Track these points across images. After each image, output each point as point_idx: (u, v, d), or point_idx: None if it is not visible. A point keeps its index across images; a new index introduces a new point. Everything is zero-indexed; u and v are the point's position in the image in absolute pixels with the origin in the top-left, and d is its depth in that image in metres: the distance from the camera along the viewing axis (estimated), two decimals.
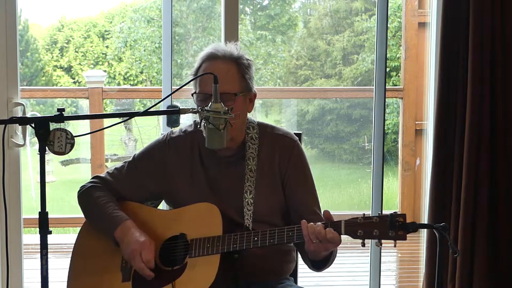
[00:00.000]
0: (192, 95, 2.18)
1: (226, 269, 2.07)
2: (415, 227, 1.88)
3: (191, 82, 2.18)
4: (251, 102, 2.21)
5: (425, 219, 3.30)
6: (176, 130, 2.33)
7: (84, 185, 2.31)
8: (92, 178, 2.33)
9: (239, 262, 2.10)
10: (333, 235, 1.93)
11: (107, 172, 2.33)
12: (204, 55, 2.19)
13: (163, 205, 2.48)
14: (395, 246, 1.91)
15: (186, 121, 3.38)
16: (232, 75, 2.14)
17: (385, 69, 3.29)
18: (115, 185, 2.28)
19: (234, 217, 2.16)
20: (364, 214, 1.93)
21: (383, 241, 1.91)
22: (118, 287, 2.17)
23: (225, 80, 2.08)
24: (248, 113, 2.24)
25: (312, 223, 1.97)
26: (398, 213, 1.89)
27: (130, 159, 2.32)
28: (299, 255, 2.32)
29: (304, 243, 2.00)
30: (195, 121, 2.32)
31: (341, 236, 1.95)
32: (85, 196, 2.28)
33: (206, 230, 2.11)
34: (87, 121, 6.43)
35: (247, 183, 2.17)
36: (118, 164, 2.35)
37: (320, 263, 2.12)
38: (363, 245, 1.91)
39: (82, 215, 2.33)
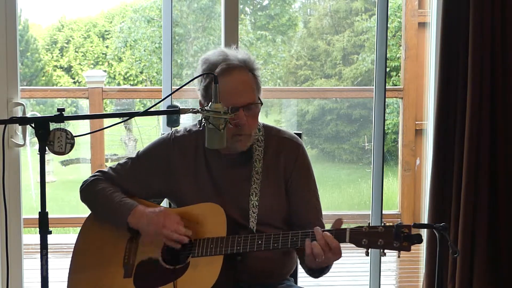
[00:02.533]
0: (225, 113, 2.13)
1: (228, 270, 2.07)
2: (420, 239, 1.88)
3: (200, 91, 2.17)
4: None
5: (425, 219, 3.30)
6: (180, 129, 2.32)
7: (87, 180, 2.30)
8: (94, 173, 2.33)
9: (242, 263, 2.10)
10: (336, 245, 1.94)
11: (110, 167, 2.32)
12: (221, 69, 2.11)
13: (164, 203, 2.47)
14: (399, 256, 1.91)
15: (186, 121, 3.38)
16: (252, 84, 2.15)
17: (385, 69, 3.29)
18: (118, 181, 2.27)
19: (238, 218, 2.16)
20: (369, 223, 1.94)
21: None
22: (119, 282, 2.16)
23: (250, 90, 2.11)
24: None
25: (308, 240, 1.97)
26: (403, 224, 1.89)
27: (134, 156, 2.31)
28: None
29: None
30: (199, 120, 2.31)
31: (346, 242, 1.96)
32: (90, 189, 2.27)
33: (210, 230, 2.11)
34: (87, 121, 6.44)
35: (253, 185, 2.17)
36: (122, 160, 2.33)
37: (318, 271, 2.11)
38: (367, 254, 1.92)
39: (82, 215, 2.33)
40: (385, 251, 1.91)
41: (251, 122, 2.12)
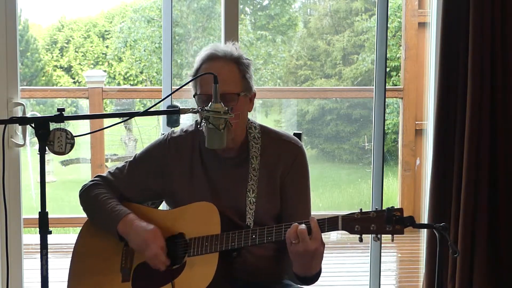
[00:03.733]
0: (194, 96, 2.18)
1: (225, 267, 2.07)
2: (412, 221, 1.88)
3: (191, 84, 2.17)
4: (251, 102, 2.22)
5: (425, 219, 3.30)
6: (177, 130, 2.33)
7: (86, 184, 2.31)
8: (93, 177, 2.34)
9: (238, 261, 2.10)
10: (314, 224, 1.93)
11: (109, 171, 2.33)
12: (204, 56, 2.17)
13: (163, 206, 2.48)
14: (392, 240, 1.91)
15: (186, 121, 3.38)
16: (233, 75, 2.14)
17: (385, 69, 3.29)
18: (117, 184, 2.28)
19: (236, 219, 2.16)
20: (361, 209, 1.94)
21: (382, 236, 1.91)
22: (118, 287, 2.17)
23: (227, 81, 2.08)
24: (248, 113, 2.24)
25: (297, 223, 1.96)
26: (395, 207, 1.89)
27: (132, 159, 2.32)
28: None
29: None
30: (196, 121, 2.31)
31: (339, 230, 1.95)
32: (86, 194, 2.28)
33: (204, 229, 2.11)
34: (87, 121, 6.44)
35: (250, 182, 2.17)
36: (120, 163, 2.34)
37: (305, 278, 2.10)
38: (361, 240, 1.91)
39: (82, 215, 2.33)
40: (379, 236, 1.91)
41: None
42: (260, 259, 2.18)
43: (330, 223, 1.95)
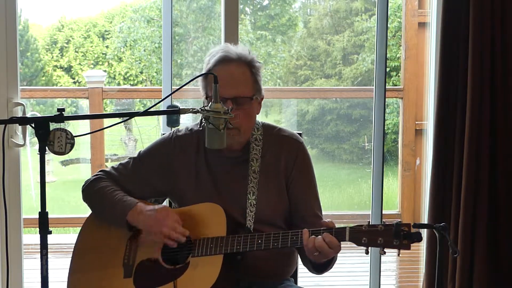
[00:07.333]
0: (206, 99, 2.17)
1: (228, 269, 2.07)
2: (420, 237, 1.88)
3: (201, 85, 2.19)
4: (259, 104, 2.24)
5: (425, 219, 3.30)
6: (182, 128, 2.33)
7: (89, 179, 2.31)
8: (97, 172, 2.34)
9: (241, 264, 2.10)
10: (331, 239, 1.94)
11: (112, 167, 2.33)
12: (217, 58, 2.17)
13: (165, 203, 2.47)
14: (398, 255, 1.92)
15: (186, 121, 3.38)
16: (247, 79, 2.16)
17: (385, 69, 3.29)
18: (120, 180, 2.28)
19: (237, 217, 2.16)
20: (369, 222, 1.95)
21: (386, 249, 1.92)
22: (119, 283, 2.17)
23: (242, 84, 2.10)
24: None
25: (313, 236, 1.98)
26: (403, 222, 1.90)
27: (136, 155, 2.32)
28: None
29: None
30: (201, 119, 2.31)
31: (346, 241, 1.96)
32: (91, 187, 2.28)
33: (210, 230, 2.11)
34: (87, 121, 6.44)
35: (251, 184, 2.18)
36: (124, 160, 2.35)
37: (322, 266, 2.12)
38: (367, 252, 1.92)
39: (82, 215, 2.33)
40: (385, 249, 1.91)
41: (242, 117, 2.12)
42: (263, 261, 2.18)
43: (337, 234, 1.96)
